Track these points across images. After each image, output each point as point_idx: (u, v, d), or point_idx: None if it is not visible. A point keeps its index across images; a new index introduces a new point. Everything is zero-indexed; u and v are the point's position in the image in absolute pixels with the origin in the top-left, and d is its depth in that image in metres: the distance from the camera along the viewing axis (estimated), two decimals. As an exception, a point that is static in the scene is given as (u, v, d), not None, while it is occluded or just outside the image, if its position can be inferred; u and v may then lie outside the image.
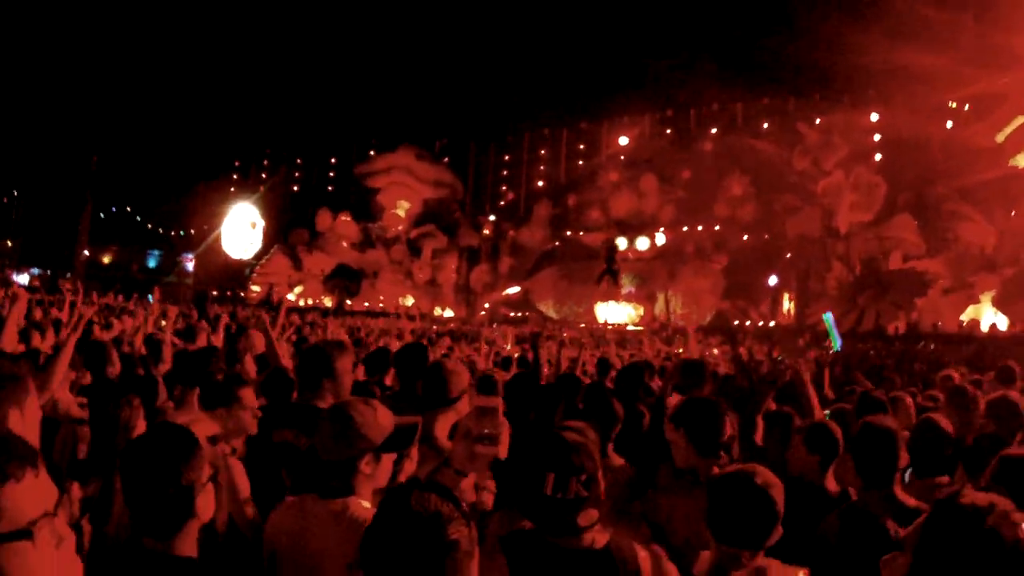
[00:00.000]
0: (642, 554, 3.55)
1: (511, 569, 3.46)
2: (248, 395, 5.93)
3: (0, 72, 68.92)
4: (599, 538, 3.48)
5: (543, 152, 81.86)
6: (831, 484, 5.51)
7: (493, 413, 3.62)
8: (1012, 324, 47.62)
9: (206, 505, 3.34)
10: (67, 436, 6.02)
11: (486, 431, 3.58)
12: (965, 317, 51.42)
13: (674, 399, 7.14)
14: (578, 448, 3.53)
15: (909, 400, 9.33)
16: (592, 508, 3.45)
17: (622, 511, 4.88)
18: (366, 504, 3.88)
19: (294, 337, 14.36)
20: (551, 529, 3.45)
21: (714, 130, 71.78)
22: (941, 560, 2.78)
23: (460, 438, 3.68)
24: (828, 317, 15.54)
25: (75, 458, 5.88)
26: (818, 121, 63.45)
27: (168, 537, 3.22)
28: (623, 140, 76.82)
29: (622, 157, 76.33)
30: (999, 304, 50.11)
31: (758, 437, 6.71)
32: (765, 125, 68.44)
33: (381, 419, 4.08)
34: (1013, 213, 52.67)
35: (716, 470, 4.68)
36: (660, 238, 67.91)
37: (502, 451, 3.65)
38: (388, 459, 4.08)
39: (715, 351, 20.65)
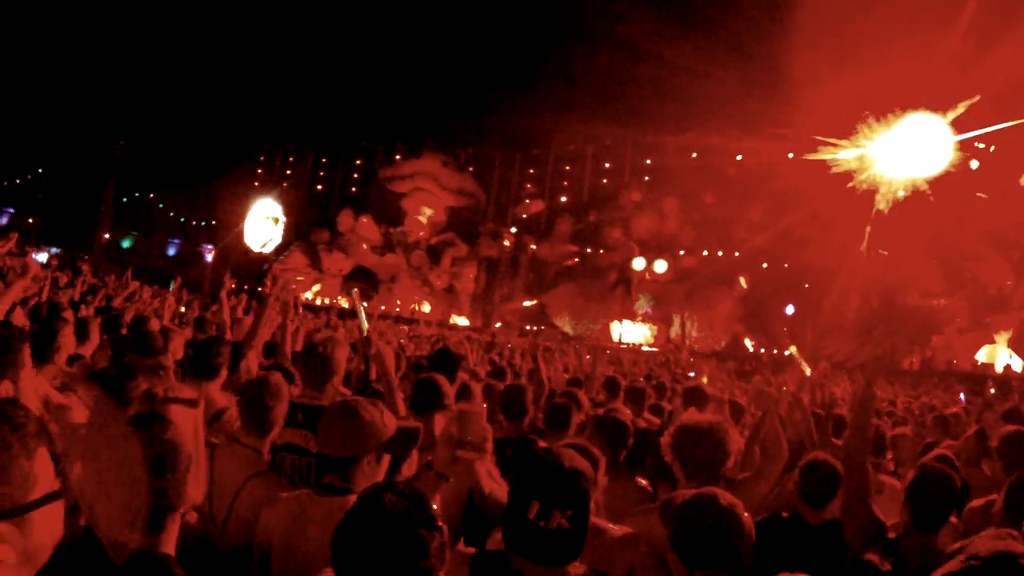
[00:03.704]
0: None
1: None
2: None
3: (34, 56, 69.39)
4: (571, 571, 3.37)
5: (567, 168, 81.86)
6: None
7: (477, 418, 3.59)
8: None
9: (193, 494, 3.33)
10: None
11: (469, 437, 3.56)
12: (980, 357, 51.33)
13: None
14: (573, 477, 3.41)
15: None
16: (572, 543, 3.40)
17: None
18: (364, 503, 3.87)
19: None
20: (525, 553, 3.36)
21: (739, 157, 71.54)
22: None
23: (442, 442, 3.65)
24: (793, 350, 15.64)
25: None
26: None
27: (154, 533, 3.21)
28: (647, 161, 77.04)
29: (646, 177, 76.46)
30: (1014, 345, 49.99)
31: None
32: (790, 155, 68.15)
33: (387, 419, 4.09)
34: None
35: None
36: (679, 261, 67.82)
37: (487, 457, 3.62)
38: (386, 460, 4.08)
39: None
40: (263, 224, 65.97)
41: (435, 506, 2.74)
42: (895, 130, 46.41)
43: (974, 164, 55.39)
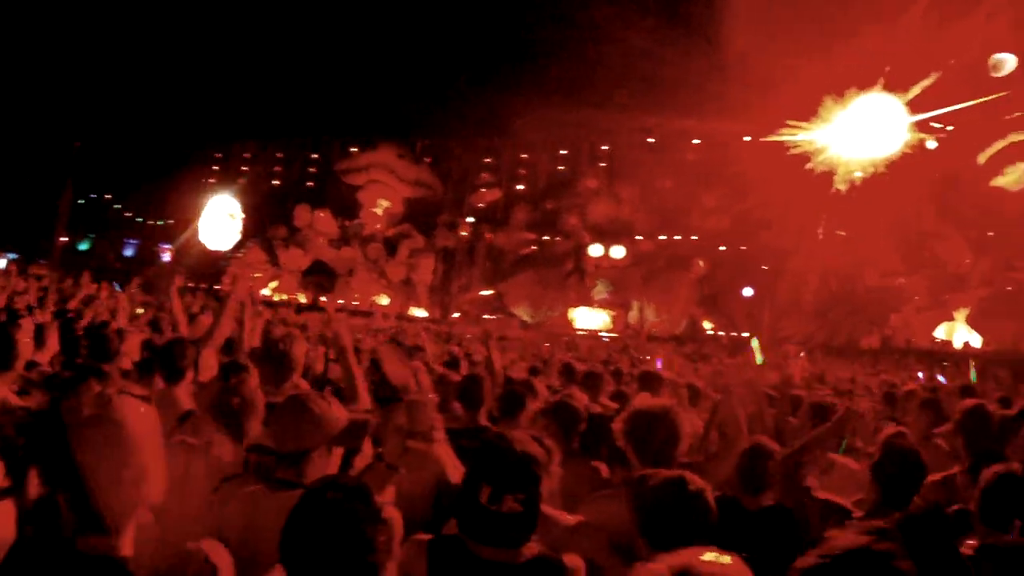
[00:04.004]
0: (573, 565, 3.58)
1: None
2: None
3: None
4: (525, 552, 3.48)
5: (524, 156, 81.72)
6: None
7: (424, 407, 3.61)
8: (986, 343, 47.77)
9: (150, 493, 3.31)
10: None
11: (417, 427, 3.58)
12: (938, 335, 51.62)
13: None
14: (524, 462, 3.51)
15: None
16: (525, 525, 3.47)
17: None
18: (315, 497, 3.88)
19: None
20: (478, 537, 3.46)
21: (697, 141, 71.50)
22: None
23: (392, 433, 3.67)
24: (755, 343, 15.61)
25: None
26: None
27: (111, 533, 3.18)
28: (604, 147, 76.98)
29: (602, 164, 76.50)
30: (972, 322, 50.26)
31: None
32: (747, 139, 68.02)
33: (336, 412, 4.12)
34: (991, 234, 52.77)
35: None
36: (636, 246, 67.84)
37: (438, 447, 3.65)
38: (337, 452, 4.11)
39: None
40: (220, 221, 65.72)
41: (385, 499, 2.77)
42: (852, 111, 46.70)
43: (931, 144, 55.50)
